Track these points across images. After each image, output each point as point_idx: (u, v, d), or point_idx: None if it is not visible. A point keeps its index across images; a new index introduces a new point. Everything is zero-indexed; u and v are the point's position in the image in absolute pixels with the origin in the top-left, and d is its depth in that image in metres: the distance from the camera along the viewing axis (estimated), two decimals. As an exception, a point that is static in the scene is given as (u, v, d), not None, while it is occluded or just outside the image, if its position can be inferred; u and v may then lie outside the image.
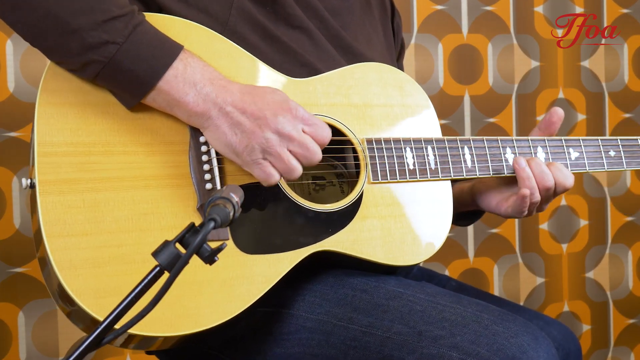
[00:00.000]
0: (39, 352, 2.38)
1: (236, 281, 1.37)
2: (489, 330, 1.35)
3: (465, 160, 1.58)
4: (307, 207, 1.44)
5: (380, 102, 1.55)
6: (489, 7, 2.94)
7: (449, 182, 1.57)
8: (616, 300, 3.18)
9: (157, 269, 1.06)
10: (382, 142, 1.51)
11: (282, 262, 1.41)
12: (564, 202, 3.08)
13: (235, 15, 1.47)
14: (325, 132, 1.39)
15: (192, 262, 1.06)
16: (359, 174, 1.50)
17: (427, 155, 1.55)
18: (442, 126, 1.64)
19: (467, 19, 2.91)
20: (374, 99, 1.54)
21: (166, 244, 1.06)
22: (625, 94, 3.16)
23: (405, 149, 1.53)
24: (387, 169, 1.51)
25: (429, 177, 1.54)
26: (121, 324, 1.06)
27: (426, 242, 1.54)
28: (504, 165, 1.60)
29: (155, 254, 1.06)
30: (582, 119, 3.09)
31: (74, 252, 1.29)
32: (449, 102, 2.88)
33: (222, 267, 1.35)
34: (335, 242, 1.45)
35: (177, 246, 1.06)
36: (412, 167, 1.53)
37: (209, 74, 1.35)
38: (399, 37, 1.82)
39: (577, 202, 3.10)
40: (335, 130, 1.48)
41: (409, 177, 1.52)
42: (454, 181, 1.63)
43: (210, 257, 1.07)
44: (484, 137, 1.60)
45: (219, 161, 1.39)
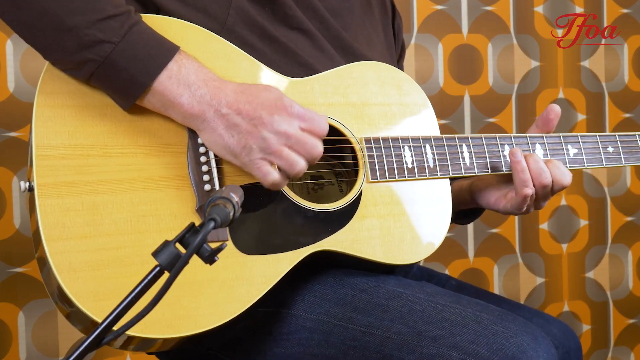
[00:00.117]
0: (39, 352, 2.38)
1: (236, 282, 1.37)
2: (488, 330, 1.35)
3: (463, 158, 1.57)
4: (306, 207, 1.44)
5: (378, 101, 1.55)
6: (489, 7, 2.93)
7: (448, 180, 1.57)
8: (616, 300, 3.18)
9: (157, 268, 1.06)
10: (381, 141, 1.51)
11: (282, 263, 1.41)
12: (564, 202, 3.08)
13: (233, 15, 1.46)
14: (322, 124, 1.38)
15: (192, 262, 1.06)
16: (357, 173, 1.50)
17: (426, 153, 1.55)
18: (442, 126, 1.64)
19: (467, 19, 2.91)
20: (372, 98, 1.54)
21: (166, 244, 1.06)
22: (625, 94, 3.15)
23: (403, 147, 1.53)
24: (386, 167, 1.51)
25: (428, 175, 1.54)
26: (121, 324, 1.06)
27: (426, 241, 1.54)
28: (502, 162, 1.60)
29: (155, 254, 1.06)
30: (582, 119, 3.08)
31: (73, 255, 1.29)
32: (449, 102, 2.88)
33: (222, 267, 1.34)
34: (334, 242, 1.45)
35: (177, 246, 1.06)
36: (410, 165, 1.53)
37: (204, 75, 1.35)
38: (400, 38, 1.81)
39: (577, 202, 3.10)
40: (333, 129, 1.48)
41: (407, 176, 1.52)
42: (452, 179, 1.63)
43: (210, 257, 1.07)
44: (482, 135, 1.60)
45: (218, 162, 1.39)
